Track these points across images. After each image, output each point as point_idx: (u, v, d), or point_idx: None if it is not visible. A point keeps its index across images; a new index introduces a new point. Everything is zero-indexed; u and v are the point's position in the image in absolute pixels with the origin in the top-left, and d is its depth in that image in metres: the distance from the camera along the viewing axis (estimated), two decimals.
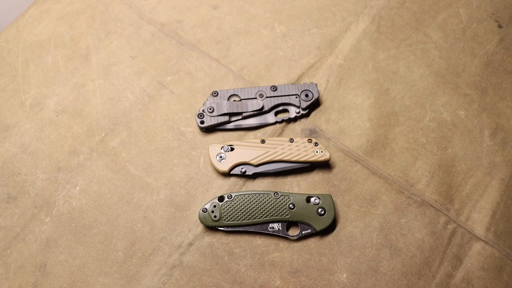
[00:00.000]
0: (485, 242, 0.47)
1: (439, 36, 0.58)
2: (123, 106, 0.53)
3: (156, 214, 0.48)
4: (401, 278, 0.46)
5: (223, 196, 0.47)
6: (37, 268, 0.46)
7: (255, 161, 0.49)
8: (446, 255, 0.47)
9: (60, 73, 0.55)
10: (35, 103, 0.53)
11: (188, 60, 0.56)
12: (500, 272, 0.46)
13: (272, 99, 0.52)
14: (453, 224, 0.48)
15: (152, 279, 0.46)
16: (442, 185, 0.50)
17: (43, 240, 0.47)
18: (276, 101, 0.52)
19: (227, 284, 0.46)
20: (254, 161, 0.49)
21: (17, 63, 0.56)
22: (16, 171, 0.50)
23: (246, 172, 0.49)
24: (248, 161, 0.49)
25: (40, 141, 0.51)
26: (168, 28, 0.58)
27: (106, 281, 0.46)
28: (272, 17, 0.59)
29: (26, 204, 0.49)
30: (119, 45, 0.57)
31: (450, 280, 0.46)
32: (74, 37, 0.57)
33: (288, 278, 0.46)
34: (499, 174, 0.50)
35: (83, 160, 0.51)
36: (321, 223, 0.47)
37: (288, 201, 0.47)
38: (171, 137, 0.52)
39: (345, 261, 0.46)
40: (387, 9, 0.60)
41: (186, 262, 0.46)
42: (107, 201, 0.49)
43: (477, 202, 0.49)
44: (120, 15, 0.59)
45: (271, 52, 0.57)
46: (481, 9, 0.60)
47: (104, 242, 0.47)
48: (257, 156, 0.49)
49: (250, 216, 0.47)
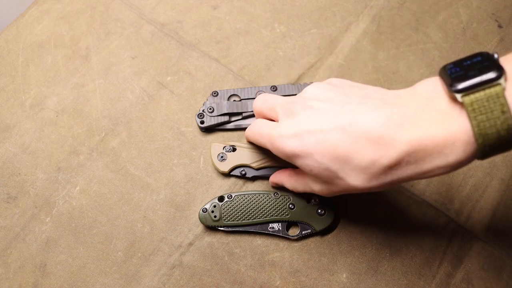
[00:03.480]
0: (485, 242, 0.47)
1: (439, 36, 0.58)
2: (123, 106, 0.53)
3: (156, 214, 0.48)
4: (401, 277, 0.46)
5: (223, 196, 0.47)
6: (37, 268, 0.46)
7: (256, 165, 0.49)
8: (446, 255, 0.47)
9: (60, 73, 0.55)
10: (35, 103, 0.53)
11: (188, 60, 0.56)
12: (500, 272, 0.46)
13: None
14: (453, 224, 0.48)
15: (152, 279, 0.46)
16: (442, 185, 0.50)
17: (43, 240, 0.47)
18: None
19: (227, 284, 0.46)
20: (255, 164, 0.49)
21: (17, 63, 0.56)
22: (16, 171, 0.50)
23: (246, 174, 0.49)
24: (249, 164, 0.49)
25: (40, 141, 0.51)
26: (168, 28, 0.58)
27: (106, 281, 0.46)
28: (272, 17, 0.59)
29: (26, 204, 0.49)
30: (119, 45, 0.57)
31: (450, 280, 0.46)
32: (74, 37, 0.57)
33: (288, 278, 0.46)
34: (499, 174, 0.50)
35: (83, 160, 0.51)
36: (321, 223, 0.47)
37: (288, 201, 0.47)
38: (171, 137, 0.52)
39: (345, 261, 0.46)
40: (387, 9, 0.60)
41: (186, 262, 0.46)
42: (107, 201, 0.49)
43: (477, 202, 0.49)
44: (120, 15, 0.59)
45: (271, 52, 0.57)
46: (481, 9, 0.60)
47: (104, 242, 0.47)
48: (259, 160, 0.49)
49: (250, 216, 0.47)
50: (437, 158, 0.32)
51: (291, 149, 0.37)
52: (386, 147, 0.32)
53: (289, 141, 0.37)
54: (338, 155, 0.34)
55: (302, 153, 0.36)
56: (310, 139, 0.36)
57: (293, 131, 0.37)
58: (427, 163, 0.32)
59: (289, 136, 0.37)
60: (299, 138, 0.36)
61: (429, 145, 0.31)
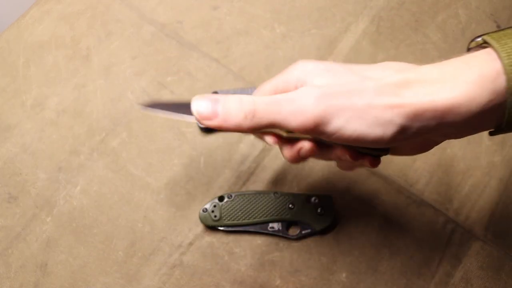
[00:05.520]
0: (484, 241, 0.47)
1: (438, 36, 0.58)
2: (124, 106, 0.53)
3: (157, 214, 0.49)
4: (400, 277, 0.46)
5: (223, 196, 0.48)
6: (38, 267, 0.46)
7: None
8: (445, 255, 0.47)
9: (61, 74, 0.55)
10: (36, 103, 0.54)
11: (188, 60, 0.56)
12: (499, 272, 0.46)
13: None
14: (452, 223, 0.48)
15: (153, 279, 0.46)
16: (441, 185, 0.50)
17: (44, 239, 0.47)
18: None
19: (227, 284, 0.46)
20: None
21: (18, 63, 0.56)
22: (17, 171, 0.50)
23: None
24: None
25: (41, 141, 0.52)
26: (169, 29, 0.58)
27: (107, 280, 0.46)
28: (272, 17, 0.59)
29: (27, 204, 0.49)
30: (120, 46, 0.57)
31: (449, 279, 0.46)
32: (75, 38, 0.57)
33: (288, 278, 0.46)
34: (498, 174, 0.50)
35: (83, 160, 0.51)
36: (321, 223, 0.47)
37: (288, 201, 0.47)
38: (171, 137, 0.52)
39: (344, 260, 0.47)
40: (386, 9, 0.60)
41: (186, 262, 0.47)
42: (107, 201, 0.49)
43: (476, 202, 0.49)
44: (121, 16, 0.59)
45: (271, 52, 0.57)
46: (480, 10, 0.60)
47: (105, 242, 0.47)
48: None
49: (250, 215, 0.47)
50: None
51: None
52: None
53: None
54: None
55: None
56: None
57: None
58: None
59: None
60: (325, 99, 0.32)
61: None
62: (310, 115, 0.31)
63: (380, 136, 0.31)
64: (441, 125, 0.31)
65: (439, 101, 0.30)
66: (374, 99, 0.31)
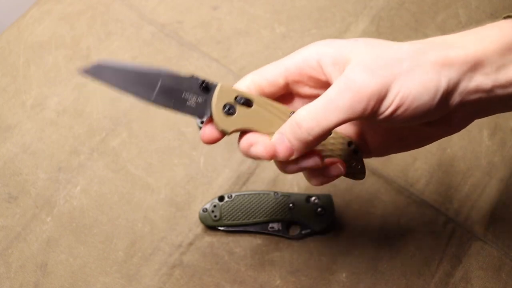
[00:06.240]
0: (484, 241, 0.47)
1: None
2: (124, 106, 0.53)
3: (157, 214, 0.49)
4: (400, 277, 0.46)
5: (223, 196, 0.48)
6: (38, 267, 0.46)
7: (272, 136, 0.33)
8: (445, 255, 0.47)
9: (61, 74, 0.55)
10: (36, 103, 0.54)
11: (188, 60, 0.56)
12: (499, 271, 0.46)
13: None
14: (452, 223, 0.48)
15: (153, 279, 0.46)
16: (441, 185, 0.50)
17: (44, 239, 0.47)
18: None
19: (227, 284, 0.46)
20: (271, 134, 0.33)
21: (18, 63, 0.56)
22: (17, 171, 0.50)
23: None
24: (263, 131, 0.33)
25: (41, 141, 0.52)
26: (169, 29, 0.58)
27: (107, 280, 0.46)
28: (272, 17, 0.59)
29: (27, 204, 0.49)
30: (120, 46, 0.57)
31: (449, 279, 0.46)
32: (75, 38, 0.57)
33: (288, 278, 0.46)
34: (498, 174, 0.50)
35: (83, 160, 0.51)
36: (321, 223, 0.47)
37: (288, 201, 0.47)
38: (171, 137, 0.52)
39: (344, 260, 0.47)
40: (386, 9, 0.60)
41: (186, 262, 0.47)
42: (107, 201, 0.49)
43: (476, 202, 0.49)
44: (121, 16, 0.59)
45: (271, 52, 0.57)
46: (480, 10, 0.60)
47: (105, 241, 0.47)
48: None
49: (250, 215, 0.47)
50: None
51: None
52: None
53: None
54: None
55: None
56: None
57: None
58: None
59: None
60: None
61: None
62: (370, 92, 0.30)
63: (433, 93, 0.31)
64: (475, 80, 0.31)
65: (480, 50, 0.31)
66: (420, 58, 0.33)
